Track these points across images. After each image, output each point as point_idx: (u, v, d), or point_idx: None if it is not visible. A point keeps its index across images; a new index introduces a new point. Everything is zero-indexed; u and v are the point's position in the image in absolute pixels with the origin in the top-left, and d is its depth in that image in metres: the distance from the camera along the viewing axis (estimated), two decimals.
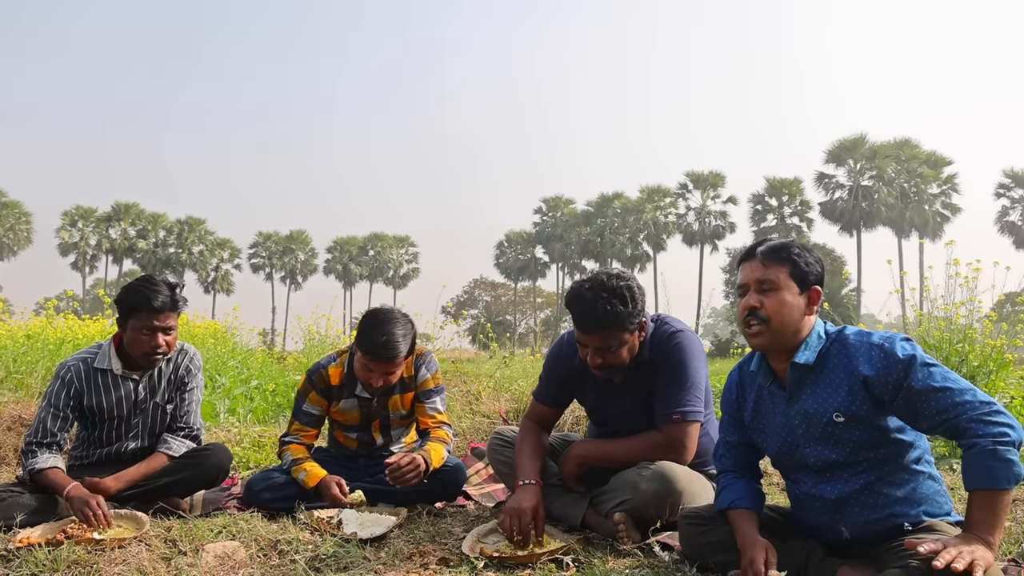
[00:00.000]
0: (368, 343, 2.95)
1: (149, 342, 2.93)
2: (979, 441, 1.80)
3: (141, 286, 2.93)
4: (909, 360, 1.93)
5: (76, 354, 3.09)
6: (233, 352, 7.81)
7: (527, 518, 2.45)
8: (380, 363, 2.97)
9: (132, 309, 2.92)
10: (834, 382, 2.04)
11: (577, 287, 2.57)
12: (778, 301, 2.06)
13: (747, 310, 2.09)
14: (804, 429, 2.10)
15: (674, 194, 51.19)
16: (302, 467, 3.07)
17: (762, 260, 2.10)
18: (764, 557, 2.01)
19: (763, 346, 2.11)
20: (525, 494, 2.55)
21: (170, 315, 2.95)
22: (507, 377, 6.98)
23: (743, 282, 2.14)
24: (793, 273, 2.08)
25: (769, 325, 2.06)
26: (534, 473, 2.66)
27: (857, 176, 45.30)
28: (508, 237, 59.84)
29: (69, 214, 52.00)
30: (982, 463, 1.78)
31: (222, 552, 2.35)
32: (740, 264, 2.18)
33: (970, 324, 5.29)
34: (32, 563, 2.21)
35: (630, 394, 2.71)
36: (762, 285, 2.08)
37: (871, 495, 2.03)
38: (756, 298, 2.08)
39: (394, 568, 2.27)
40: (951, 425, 1.86)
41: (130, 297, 2.92)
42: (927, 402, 1.89)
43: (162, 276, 3.02)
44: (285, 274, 58.36)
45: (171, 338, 2.99)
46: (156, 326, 2.92)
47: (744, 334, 2.14)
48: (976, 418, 1.82)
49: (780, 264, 2.09)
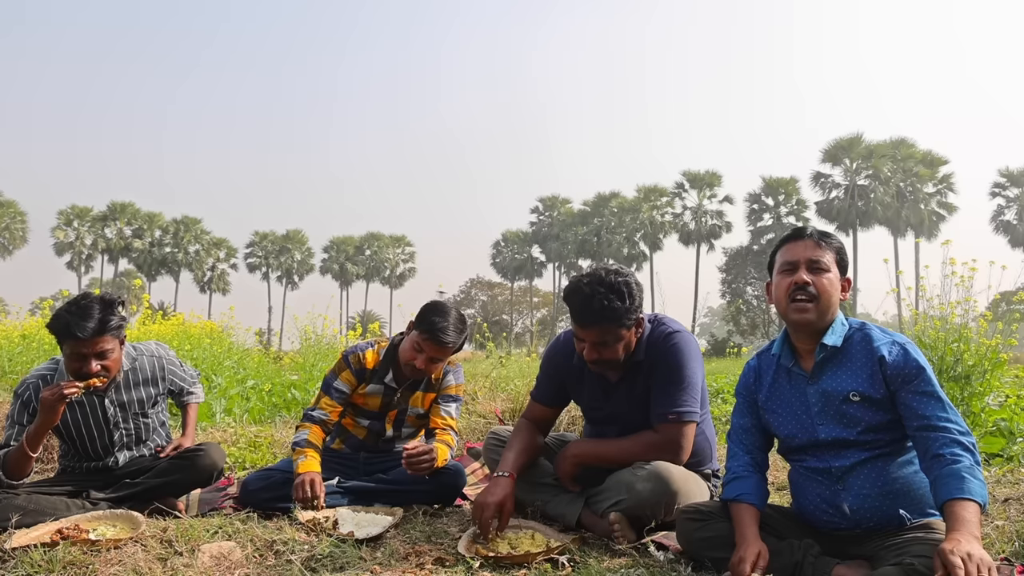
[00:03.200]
0: (428, 323, 3.07)
1: (82, 368, 2.77)
2: (964, 458, 1.93)
3: (67, 313, 2.74)
4: (923, 365, 2.09)
5: (34, 370, 2.99)
6: (229, 352, 7.80)
7: (489, 512, 2.47)
8: (432, 345, 3.06)
9: (59, 336, 2.75)
10: (855, 365, 2.16)
11: (576, 281, 2.58)
12: (828, 280, 2.18)
13: (797, 285, 2.17)
14: (820, 407, 2.19)
15: (670, 194, 51.28)
16: (305, 452, 3.08)
17: (816, 241, 2.22)
18: (754, 560, 2.02)
19: (807, 322, 2.18)
20: (494, 487, 2.56)
21: (100, 340, 2.76)
22: (503, 377, 6.99)
23: (792, 259, 2.22)
24: (837, 260, 2.23)
25: (817, 303, 2.16)
26: (511, 466, 2.66)
27: (853, 175, 45.41)
28: (505, 237, 59.87)
29: (65, 213, 51.91)
30: (972, 477, 1.89)
31: (218, 552, 2.35)
32: (785, 243, 2.28)
33: (965, 323, 5.30)
34: (28, 564, 2.21)
35: (626, 394, 2.72)
36: (814, 264, 2.19)
37: (874, 469, 2.11)
38: (808, 275, 2.18)
39: (390, 568, 2.27)
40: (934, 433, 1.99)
41: (56, 324, 2.73)
42: (925, 405, 2.04)
43: (103, 293, 2.86)
44: (281, 274, 58.32)
45: (109, 360, 2.83)
46: (86, 353, 2.76)
47: (787, 309, 2.20)
48: (962, 441, 1.97)
49: (829, 248, 2.22)
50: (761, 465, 2.36)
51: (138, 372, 3.10)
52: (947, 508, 1.86)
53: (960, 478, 1.88)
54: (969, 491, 1.85)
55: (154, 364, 3.16)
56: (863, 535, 2.12)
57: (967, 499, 1.85)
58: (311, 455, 3.07)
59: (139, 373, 3.10)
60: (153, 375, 3.15)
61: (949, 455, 1.94)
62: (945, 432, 1.98)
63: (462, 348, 3.24)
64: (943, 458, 1.94)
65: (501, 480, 2.60)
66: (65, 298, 9.64)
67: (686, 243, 50.56)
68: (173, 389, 3.27)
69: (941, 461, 1.94)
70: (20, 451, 2.75)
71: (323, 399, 3.28)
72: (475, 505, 2.51)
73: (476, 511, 2.49)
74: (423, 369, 3.13)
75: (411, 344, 3.13)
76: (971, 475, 1.89)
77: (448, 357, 3.20)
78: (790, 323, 2.24)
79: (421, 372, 3.18)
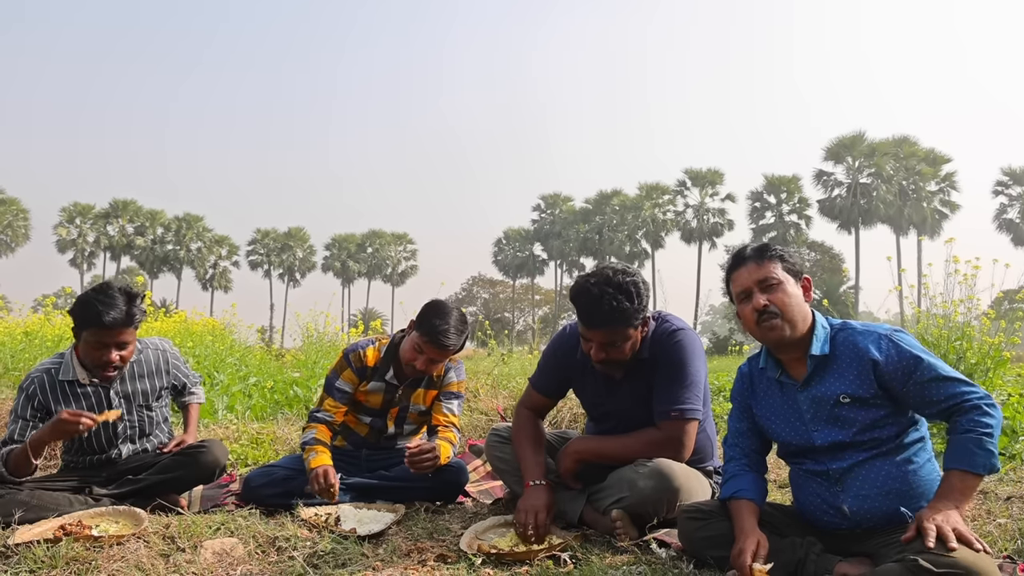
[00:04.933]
0: (428, 325, 3.05)
1: (102, 357, 2.83)
2: (974, 428, 1.95)
3: (95, 299, 2.79)
4: (918, 354, 2.08)
5: (39, 364, 3.02)
6: (231, 349, 7.80)
7: (543, 516, 2.50)
8: (432, 348, 3.06)
9: (84, 322, 2.80)
10: (843, 366, 2.15)
11: (583, 282, 2.56)
12: (784, 292, 2.17)
13: (758, 310, 2.16)
14: (813, 413, 2.18)
15: (673, 192, 51.21)
16: (315, 448, 3.09)
17: (756, 261, 2.20)
18: (754, 549, 2.03)
19: (782, 339, 2.16)
20: (538, 493, 2.59)
21: (125, 331, 2.84)
22: (505, 374, 6.98)
23: (743, 287, 2.21)
24: (785, 267, 2.21)
25: (783, 318, 2.14)
26: (540, 472, 2.69)
27: (855, 173, 45.32)
28: (507, 234, 59.84)
29: (67, 211, 51.95)
30: (967, 448, 1.93)
31: (220, 549, 2.35)
32: (731, 273, 2.27)
33: (968, 321, 5.29)
34: (31, 560, 2.21)
35: (629, 391, 2.72)
36: (763, 283, 2.17)
37: (872, 469, 2.11)
38: (764, 297, 2.16)
39: (392, 564, 2.27)
40: (950, 412, 2.01)
41: (83, 310, 2.80)
42: (938, 390, 2.03)
43: (123, 284, 2.91)
44: (283, 271, 58.33)
45: (126, 352, 2.90)
46: (109, 342, 2.82)
47: (759, 333, 2.20)
48: (977, 406, 1.97)
49: (771, 261, 2.20)
50: (758, 466, 2.36)
51: (143, 364, 3.11)
52: (943, 478, 1.96)
53: (964, 450, 1.94)
54: (969, 463, 1.91)
55: (159, 357, 3.17)
56: (864, 534, 2.12)
57: (961, 470, 1.91)
58: (321, 450, 3.09)
59: (144, 365, 3.11)
60: (158, 367, 3.16)
61: (960, 425, 1.97)
62: (957, 407, 1.99)
63: (463, 348, 3.24)
64: (954, 429, 1.99)
65: (541, 488, 2.62)
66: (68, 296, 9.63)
67: (688, 241, 50.52)
68: (176, 384, 3.28)
69: (952, 432, 1.99)
70: (23, 454, 2.75)
71: (327, 400, 3.28)
72: (527, 509, 2.52)
73: (525, 516, 2.50)
74: (423, 370, 3.14)
75: (412, 345, 3.13)
76: (976, 446, 1.92)
77: (448, 358, 3.21)
78: (767, 344, 2.24)
79: (421, 375, 3.20)
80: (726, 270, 2.31)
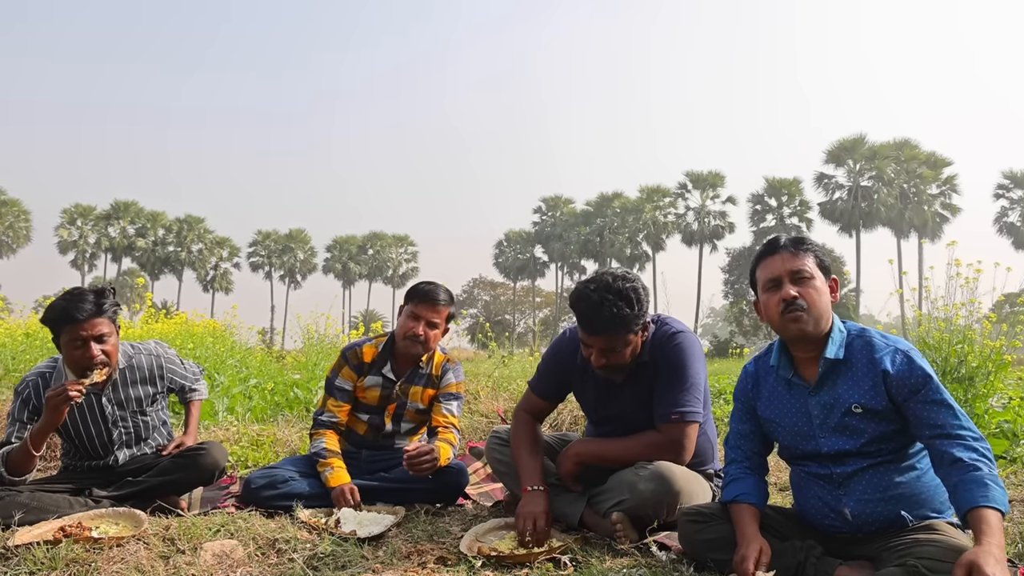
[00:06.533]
0: (416, 290, 3.24)
1: (83, 354, 2.79)
2: (983, 465, 1.89)
3: (61, 300, 2.80)
4: (930, 373, 2.05)
5: (35, 368, 3.01)
6: (232, 351, 7.79)
7: (542, 522, 2.49)
8: (426, 305, 3.18)
9: (57, 325, 2.79)
10: (858, 375, 2.11)
11: (583, 288, 2.55)
12: (814, 288, 2.14)
13: (785, 301, 2.13)
14: (822, 419, 2.16)
15: (673, 194, 51.20)
16: (330, 463, 3.09)
17: (792, 251, 2.17)
18: (756, 556, 2.02)
19: (803, 333, 2.13)
20: (536, 499, 2.59)
21: (98, 322, 2.81)
22: (506, 376, 6.98)
23: (774, 275, 2.18)
24: (818, 263, 2.19)
25: (809, 312, 2.11)
26: (539, 478, 2.68)
27: (856, 176, 45.31)
28: (507, 236, 59.86)
29: (68, 212, 51.99)
30: (995, 485, 1.85)
31: (220, 551, 2.35)
32: (762, 259, 2.24)
33: (969, 325, 5.28)
34: (31, 561, 2.21)
35: (630, 394, 2.71)
36: (796, 275, 2.15)
37: (876, 475, 2.09)
38: (794, 288, 2.13)
39: (392, 567, 2.27)
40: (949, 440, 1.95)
41: (52, 313, 2.79)
42: (937, 414, 2.00)
43: (92, 285, 2.89)
44: (284, 273, 58.37)
45: (108, 346, 2.85)
46: (85, 336, 2.79)
47: (780, 324, 2.16)
48: (977, 448, 1.93)
49: (807, 254, 2.18)
50: (760, 468, 2.34)
51: (135, 370, 3.10)
52: (974, 515, 1.81)
53: (984, 485, 1.84)
54: (995, 499, 1.81)
55: (152, 363, 3.16)
56: (865, 538, 2.11)
57: (992, 507, 1.79)
58: (337, 465, 3.10)
59: (136, 371, 3.11)
60: (151, 373, 3.15)
61: (969, 460, 1.89)
62: (960, 440, 1.94)
63: (453, 319, 3.32)
64: (963, 464, 1.90)
65: (538, 493, 2.61)
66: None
67: (689, 244, 50.50)
68: (173, 388, 3.28)
69: (961, 467, 1.90)
70: (24, 450, 2.75)
71: (328, 400, 3.29)
72: (526, 516, 2.51)
73: (525, 521, 2.50)
74: (421, 337, 3.16)
75: (406, 317, 3.21)
76: (994, 483, 1.85)
77: (444, 321, 3.25)
78: (787, 336, 2.21)
79: (419, 349, 3.20)
80: (756, 256, 2.27)
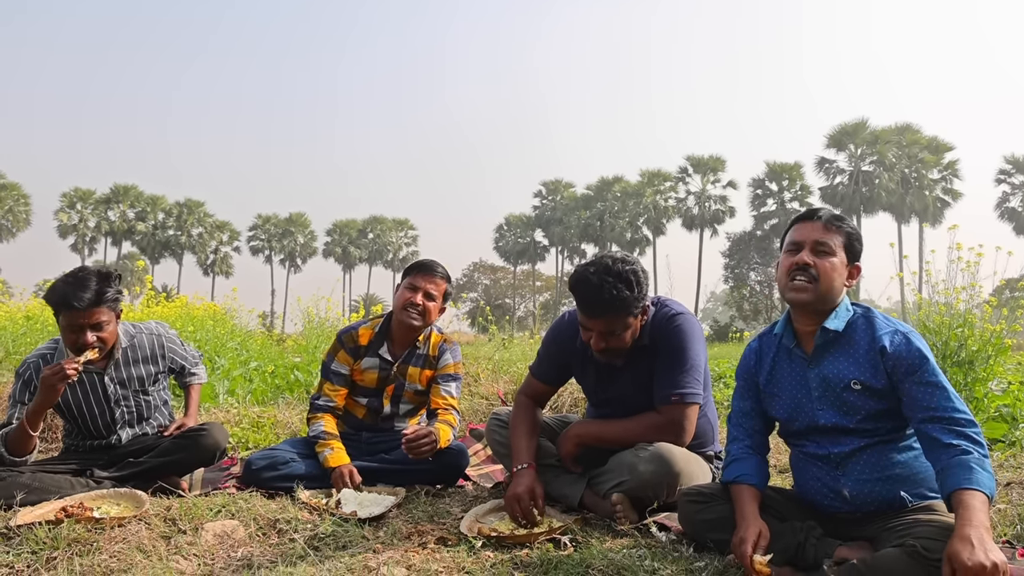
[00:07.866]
0: (414, 264, 3.32)
1: (78, 339, 2.79)
2: (973, 449, 1.89)
3: (64, 284, 2.77)
4: (926, 355, 2.05)
5: (36, 350, 3.02)
6: (232, 334, 7.80)
7: (526, 502, 2.48)
8: (424, 276, 3.23)
9: (57, 307, 2.77)
10: (858, 352, 2.13)
11: (582, 271, 2.54)
12: (830, 264, 2.15)
13: (797, 265, 2.15)
14: (820, 393, 2.17)
15: (674, 178, 51.04)
16: (329, 444, 3.10)
17: (825, 224, 2.18)
18: (755, 539, 2.02)
19: (803, 302, 2.15)
20: (520, 479, 2.58)
21: (96, 311, 2.79)
22: (506, 360, 6.99)
23: (798, 239, 2.19)
24: (846, 244, 2.19)
25: (817, 285, 2.13)
26: (528, 456, 2.67)
27: (858, 161, 45.17)
28: (508, 220, 59.74)
29: (68, 196, 51.84)
30: (981, 469, 1.85)
31: (221, 531, 2.36)
32: (795, 224, 2.25)
33: (970, 309, 5.28)
34: (32, 541, 2.22)
35: (630, 377, 2.71)
36: (819, 246, 2.16)
37: (874, 455, 2.10)
38: (811, 256, 2.15)
39: (392, 547, 2.28)
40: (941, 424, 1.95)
41: (52, 296, 2.77)
42: (931, 396, 2.00)
43: (99, 266, 2.86)
44: (284, 257, 58.33)
45: (104, 333, 2.85)
46: (82, 324, 2.78)
47: (786, 285, 2.18)
48: (968, 433, 1.93)
49: (838, 232, 2.18)
50: (761, 448, 2.35)
51: (137, 349, 3.10)
52: (955, 497, 1.81)
53: (969, 468, 1.84)
54: (978, 482, 1.80)
55: (153, 342, 3.16)
56: (864, 518, 2.12)
57: (976, 489, 1.79)
58: (336, 446, 3.10)
59: (138, 350, 3.11)
60: (152, 352, 3.15)
61: (958, 444, 1.90)
62: (952, 423, 1.95)
63: (451, 298, 3.35)
64: (952, 447, 1.90)
65: (524, 472, 2.61)
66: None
67: (689, 228, 50.41)
68: (174, 368, 3.28)
69: (950, 450, 1.90)
70: (21, 429, 2.76)
71: (325, 385, 3.29)
72: (508, 500, 2.52)
73: (511, 505, 2.50)
74: (420, 306, 3.17)
75: (404, 290, 3.22)
76: (980, 466, 1.84)
77: (441, 296, 3.26)
78: (788, 302, 2.22)
79: (418, 320, 3.20)
80: (792, 220, 2.28)
